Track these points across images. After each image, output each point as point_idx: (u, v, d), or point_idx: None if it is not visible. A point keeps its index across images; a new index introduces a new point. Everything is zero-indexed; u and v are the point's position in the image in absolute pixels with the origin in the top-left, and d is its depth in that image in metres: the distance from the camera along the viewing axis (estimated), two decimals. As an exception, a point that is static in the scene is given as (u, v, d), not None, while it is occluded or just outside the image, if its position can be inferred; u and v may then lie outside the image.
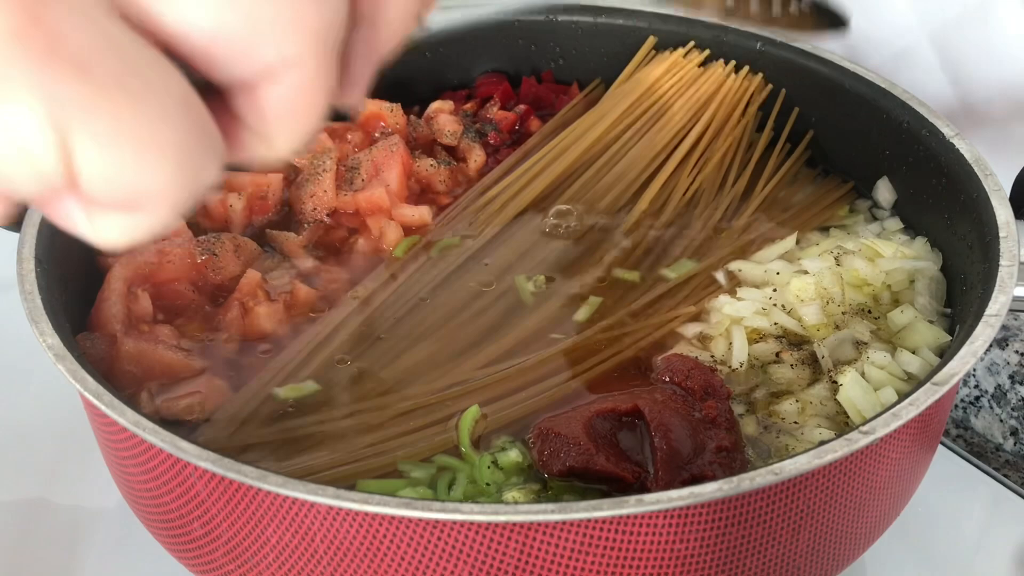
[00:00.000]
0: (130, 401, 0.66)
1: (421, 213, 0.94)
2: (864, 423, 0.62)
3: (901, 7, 1.04)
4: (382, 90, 1.06)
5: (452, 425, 0.75)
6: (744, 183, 0.98)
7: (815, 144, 1.02)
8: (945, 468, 0.93)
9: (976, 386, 1.03)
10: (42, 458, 0.96)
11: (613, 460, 0.69)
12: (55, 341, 0.68)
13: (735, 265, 0.88)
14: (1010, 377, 1.00)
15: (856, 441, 0.61)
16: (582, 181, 0.97)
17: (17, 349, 0.91)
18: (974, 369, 1.03)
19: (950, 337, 0.79)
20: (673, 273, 0.88)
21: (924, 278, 0.85)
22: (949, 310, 0.83)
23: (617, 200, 0.96)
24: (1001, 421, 1.02)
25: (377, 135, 1.03)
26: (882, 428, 0.62)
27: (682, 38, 1.07)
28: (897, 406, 0.63)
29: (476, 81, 1.12)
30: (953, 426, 1.06)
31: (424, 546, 0.59)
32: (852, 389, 0.75)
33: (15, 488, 0.94)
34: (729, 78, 1.03)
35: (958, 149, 0.84)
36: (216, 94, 0.34)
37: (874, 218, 0.95)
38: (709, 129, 1.01)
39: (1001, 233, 0.75)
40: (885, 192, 0.95)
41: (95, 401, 0.65)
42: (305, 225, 0.94)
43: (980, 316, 0.69)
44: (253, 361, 0.81)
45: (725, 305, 0.84)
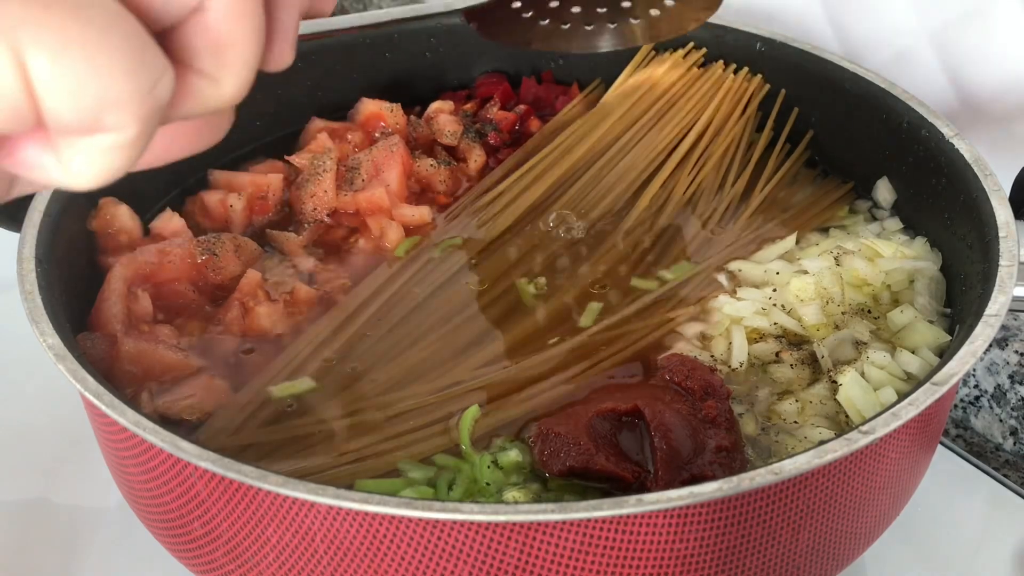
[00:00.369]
0: (130, 401, 0.66)
1: (421, 213, 0.94)
2: (864, 423, 0.62)
3: (901, 7, 1.04)
4: (382, 90, 1.06)
5: (452, 425, 0.75)
6: (744, 183, 0.98)
7: (815, 144, 1.02)
8: (945, 468, 0.93)
9: (976, 386, 1.03)
10: (42, 458, 0.96)
11: (613, 460, 0.69)
12: (55, 341, 0.68)
13: (735, 265, 0.88)
14: (1010, 377, 1.00)
15: (856, 441, 0.61)
16: (583, 182, 0.97)
17: (17, 349, 0.91)
18: (974, 369, 1.03)
19: (950, 337, 0.79)
20: (672, 274, 0.88)
21: (924, 278, 0.85)
22: (949, 310, 0.83)
23: (617, 200, 0.96)
24: (1001, 421, 1.02)
25: (377, 135, 1.03)
26: (882, 428, 0.62)
27: (682, 38, 1.07)
28: (897, 406, 0.63)
29: (476, 81, 1.12)
30: (953, 426, 1.06)
31: (424, 546, 0.59)
32: (852, 389, 0.75)
33: (15, 488, 0.94)
34: (729, 78, 1.03)
35: (958, 149, 0.84)
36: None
37: (874, 218, 0.95)
38: (709, 129, 1.01)
39: (1001, 233, 0.75)
40: (885, 192, 0.95)
41: (95, 401, 0.65)
42: (305, 225, 0.94)
43: (980, 316, 0.69)
44: (253, 361, 0.81)
45: (725, 305, 0.84)
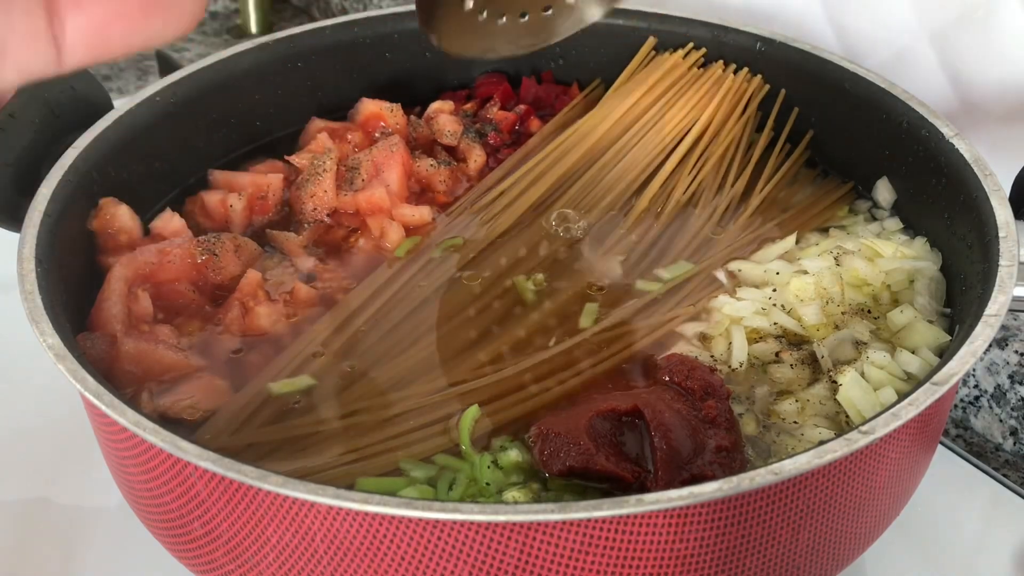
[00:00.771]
0: (130, 401, 0.66)
1: (421, 213, 0.94)
2: (864, 423, 0.62)
3: (901, 7, 1.04)
4: (382, 90, 1.06)
5: (452, 425, 0.75)
6: (744, 183, 0.98)
7: (815, 144, 1.02)
8: (945, 468, 0.93)
9: (976, 386, 1.03)
10: (42, 458, 0.96)
11: (613, 460, 0.69)
12: (55, 341, 0.68)
13: (735, 265, 0.88)
14: (1010, 377, 1.00)
15: (856, 441, 0.61)
16: (583, 182, 0.97)
17: (17, 349, 0.91)
18: (974, 369, 1.03)
19: (950, 337, 0.79)
20: (671, 274, 0.88)
21: (924, 278, 0.85)
22: (949, 310, 0.83)
23: (617, 200, 0.96)
24: (1001, 421, 1.02)
25: (377, 135, 1.03)
26: (882, 428, 0.62)
27: (682, 38, 1.07)
28: (897, 406, 0.63)
29: (476, 81, 1.12)
30: (953, 426, 1.06)
31: (424, 546, 0.59)
32: (852, 389, 0.75)
33: (15, 488, 0.94)
34: (729, 78, 1.03)
35: (958, 149, 0.84)
36: None
37: (874, 218, 0.95)
38: (709, 129, 1.01)
39: (1001, 233, 0.75)
40: (885, 192, 0.95)
41: (95, 401, 0.65)
42: (305, 225, 0.94)
43: (979, 316, 0.69)
44: (253, 361, 0.81)
45: (725, 305, 0.84)
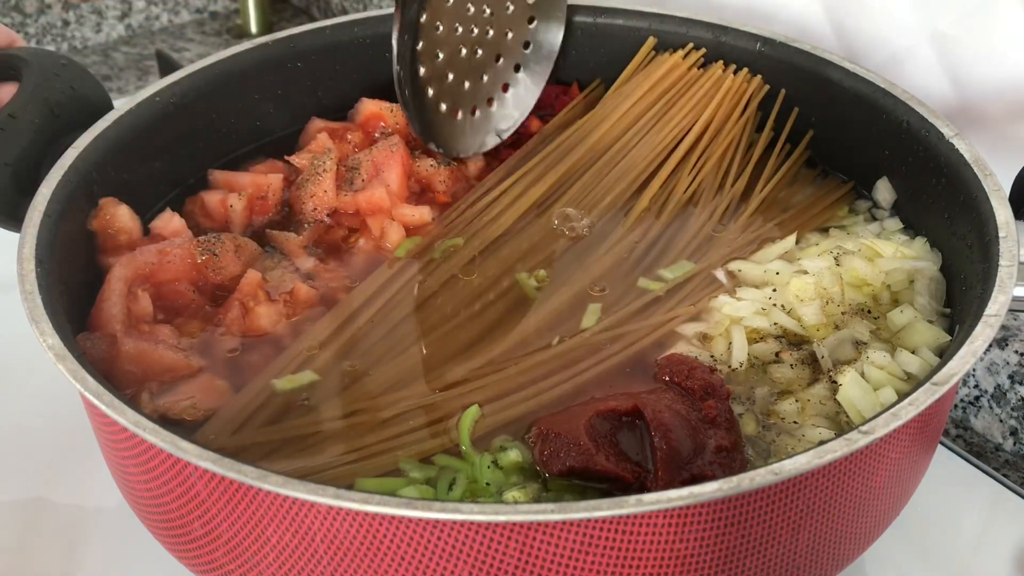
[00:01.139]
0: (130, 401, 0.66)
1: (421, 213, 0.94)
2: (864, 423, 0.62)
3: (901, 7, 1.04)
4: (382, 90, 1.06)
5: (452, 425, 0.75)
6: (744, 183, 0.98)
7: (815, 144, 1.02)
8: (945, 468, 0.93)
9: (976, 386, 1.03)
10: (42, 458, 0.96)
11: (613, 460, 0.69)
12: (55, 341, 0.68)
13: (735, 265, 0.88)
14: (1010, 377, 1.00)
15: (856, 441, 0.61)
16: (583, 182, 0.97)
17: (17, 349, 0.91)
18: (974, 369, 1.03)
19: (950, 337, 0.79)
20: (672, 274, 0.88)
21: (924, 278, 0.85)
22: (949, 310, 0.83)
23: (617, 200, 0.96)
24: (1001, 421, 1.02)
25: (377, 135, 1.03)
26: (882, 428, 0.62)
27: (682, 39, 1.07)
28: (897, 406, 0.63)
29: (476, 81, 1.12)
30: (953, 426, 1.06)
31: (424, 546, 0.59)
32: (852, 389, 0.75)
33: (15, 488, 0.94)
34: (729, 78, 1.03)
35: (958, 149, 0.84)
36: None
37: (874, 218, 0.95)
38: (709, 129, 1.01)
39: (1001, 233, 0.75)
40: (885, 192, 0.95)
41: (95, 401, 0.65)
42: (305, 225, 0.94)
43: (980, 316, 0.69)
44: (253, 361, 0.81)
45: (725, 305, 0.84)
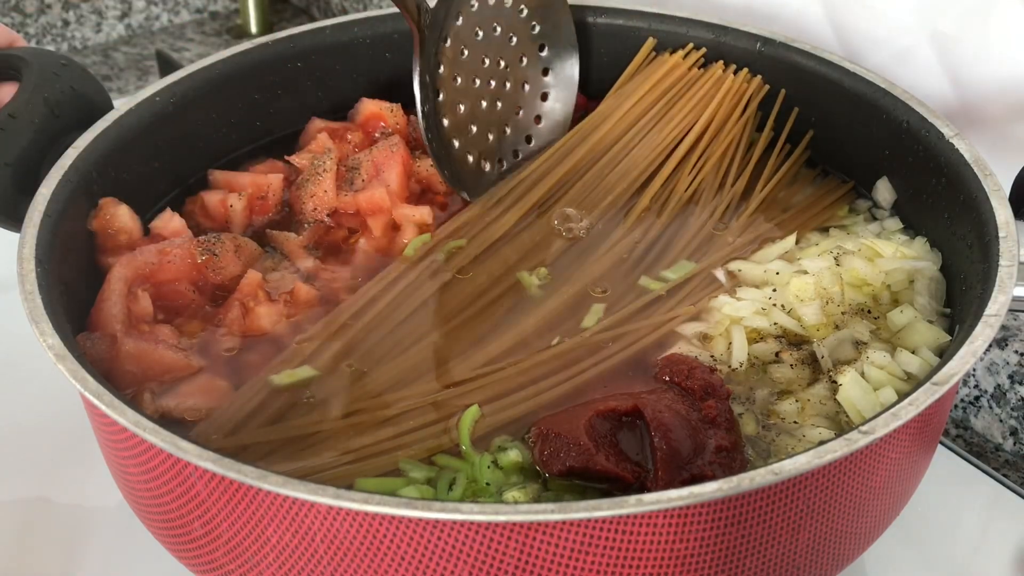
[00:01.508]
0: (130, 401, 0.66)
1: (421, 213, 0.94)
2: (864, 423, 0.62)
3: (901, 7, 1.04)
4: (382, 90, 1.06)
5: (452, 425, 0.75)
6: (744, 183, 0.98)
7: (815, 144, 1.02)
8: (945, 468, 0.93)
9: (976, 386, 1.03)
10: (42, 458, 0.96)
11: (613, 460, 0.69)
12: (55, 341, 0.68)
13: (735, 265, 0.88)
14: (1009, 377, 1.00)
15: (856, 441, 0.61)
16: (584, 182, 0.97)
17: (17, 349, 0.91)
18: (974, 369, 1.03)
19: (950, 337, 0.79)
20: (673, 274, 0.88)
21: (924, 278, 0.85)
22: (949, 310, 0.83)
23: (618, 200, 0.96)
24: (1001, 421, 1.02)
25: (377, 135, 1.03)
26: (882, 428, 0.62)
27: (682, 39, 1.07)
28: (897, 406, 0.63)
29: (476, 81, 1.12)
30: (953, 426, 1.06)
31: (424, 546, 0.59)
32: (852, 389, 0.75)
33: (15, 488, 0.94)
34: (728, 79, 1.03)
35: (958, 149, 0.84)
36: None
37: (874, 218, 0.95)
38: (708, 130, 1.01)
39: (1000, 233, 0.75)
40: (885, 192, 0.95)
41: (95, 401, 0.65)
42: (305, 225, 0.94)
43: (979, 316, 0.69)
44: (253, 361, 0.81)
45: (725, 305, 0.84)
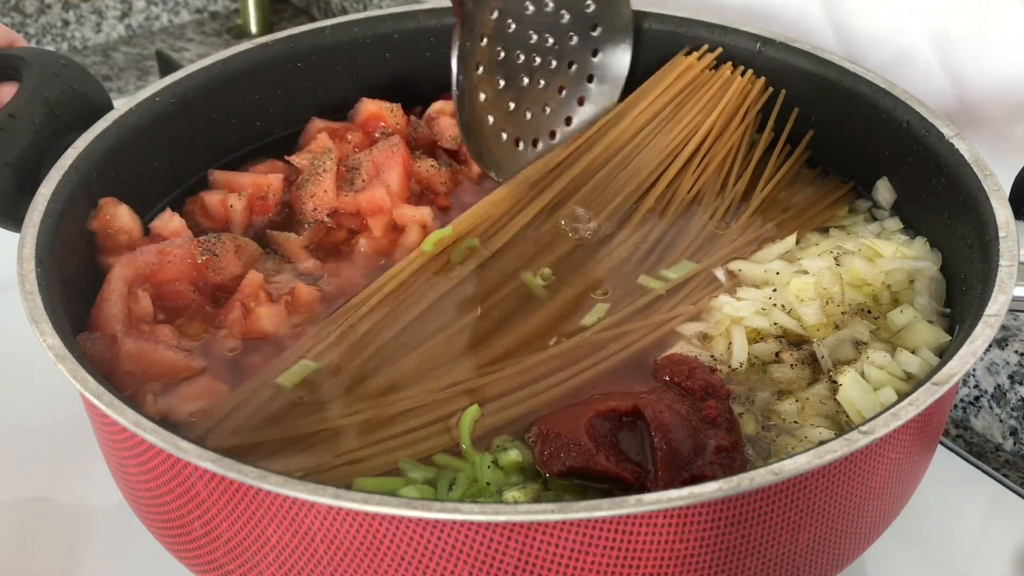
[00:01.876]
0: (130, 401, 0.66)
1: (422, 214, 0.94)
2: (864, 423, 0.62)
3: (901, 7, 1.04)
4: (382, 90, 1.06)
5: (452, 425, 0.75)
6: (745, 184, 0.98)
7: (815, 144, 1.02)
8: (945, 468, 0.93)
9: (976, 386, 1.03)
10: (42, 458, 0.96)
11: (613, 460, 0.69)
12: (55, 341, 0.68)
13: (735, 265, 0.88)
14: (1010, 377, 1.00)
15: (856, 441, 0.61)
16: (592, 184, 0.97)
17: (17, 349, 0.91)
18: (974, 369, 1.03)
19: (950, 337, 0.79)
20: (675, 274, 0.88)
21: (924, 278, 0.85)
22: (949, 310, 0.83)
23: (626, 202, 0.96)
24: (1001, 421, 1.02)
25: (377, 135, 1.03)
26: (882, 428, 0.62)
27: (681, 39, 1.07)
28: (897, 406, 0.63)
29: (476, 81, 1.12)
30: (953, 426, 1.06)
31: (424, 546, 0.60)
32: (852, 389, 0.75)
33: (15, 488, 0.94)
34: (736, 81, 1.03)
35: (958, 149, 0.84)
36: None
37: (874, 218, 0.95)
38: (712, 131, 1.01)
39: (1000, 233, 0.75)
40: (885, 192, 0.95)
41: (95, 401, 0.65)
42: (305, 226, 0.94)
43: (980, 316, 0.69)
44: (254, 361, 0.81)
45: (725, 305, 0.84)
